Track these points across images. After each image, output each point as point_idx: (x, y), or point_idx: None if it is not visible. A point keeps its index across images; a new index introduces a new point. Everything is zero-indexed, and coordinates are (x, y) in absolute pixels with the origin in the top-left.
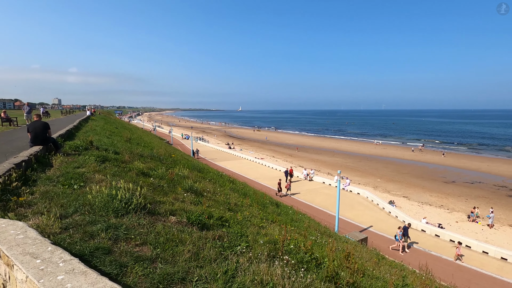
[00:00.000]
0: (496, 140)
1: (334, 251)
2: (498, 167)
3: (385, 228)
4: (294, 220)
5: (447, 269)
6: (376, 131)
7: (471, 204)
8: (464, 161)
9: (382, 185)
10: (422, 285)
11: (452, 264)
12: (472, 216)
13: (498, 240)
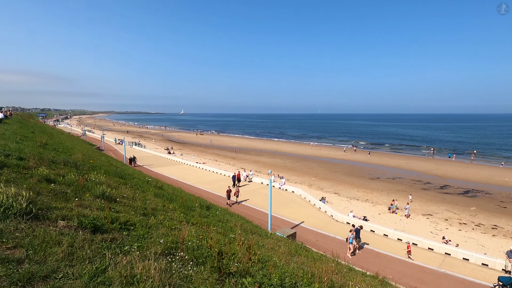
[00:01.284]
0: (414, 140)
1: (242, 245)
2: (414, 164)
3: (315, 223)
4: (221, 220)
5: (366, 256)
6: (312, 133)
7: (392, 197)
8: (387, 159)
9: (316, 183)
10: (317, 267)
11: (372, 252)
12: (392, 208)
13: (413, 228)
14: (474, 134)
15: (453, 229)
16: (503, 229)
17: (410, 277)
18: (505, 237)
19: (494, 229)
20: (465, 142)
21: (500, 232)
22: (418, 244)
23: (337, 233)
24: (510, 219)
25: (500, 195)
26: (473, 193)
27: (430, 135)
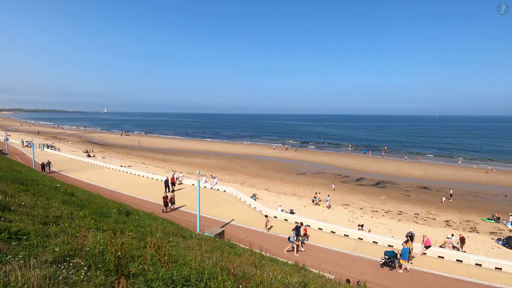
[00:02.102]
0: (335, 139)
1: (153, 247)
2: (336, 160)
3: (245, 219)
4: (140, 225)
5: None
6: (246, 132)
7: (316, 190)
8: (312, 156)
9: (249, 181)
10: (231, 261)
11: (269, 235)
12: (315, 200)
13: (334, 218)
14: (385, 133)
15: (366, 217)
16: (407, 214)
17: (328, 262)
18: (408, 221)
19: (400, 215)
20: (377, 140)
21: (405, 217)
22: (336, 232)
23: (264, 228)
24: (413, 205)
25: (405, 185)
26: (384, 184)
27: (349, 133)
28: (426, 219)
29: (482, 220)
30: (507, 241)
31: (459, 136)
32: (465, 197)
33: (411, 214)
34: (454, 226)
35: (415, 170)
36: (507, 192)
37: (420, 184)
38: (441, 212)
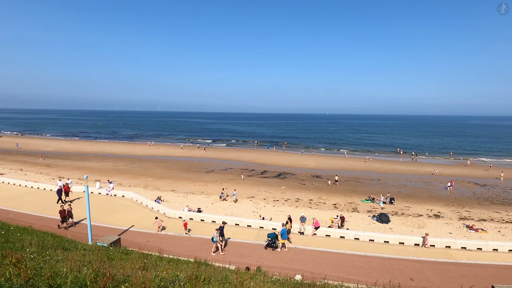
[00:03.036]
0: (243, 136)
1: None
2: (243, 155)
3: (147, 224)
4: (9, 241)
5: (193, 244)
6: (150, 132)
7: (224, 186)
8: (221, 153)
9: (153, 183)
10: (114, 266)
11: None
12: (223, 196)
13: (240, 211)
14: (285, 129)
15: (269, 206)
16: (303, 201)
17: (232, 254)
18: (303, 207)
19: (297, 202)
20: (279, 135)
21: (301, 203)
22: (239, 224)
23: (169, 229)
24: (307, 192)
25: (301, 175)
26: (284, 175)
27: (255, 130)
28: (318, 203)
29: (361, 201)
30: (379, 217)
31: (345, 131)
32: (348, 182)
33: (306, 200)
34: (340, 208)
35: (310, 161)
36: (380, 176)
37: (313, 174)
38: (330, 196)
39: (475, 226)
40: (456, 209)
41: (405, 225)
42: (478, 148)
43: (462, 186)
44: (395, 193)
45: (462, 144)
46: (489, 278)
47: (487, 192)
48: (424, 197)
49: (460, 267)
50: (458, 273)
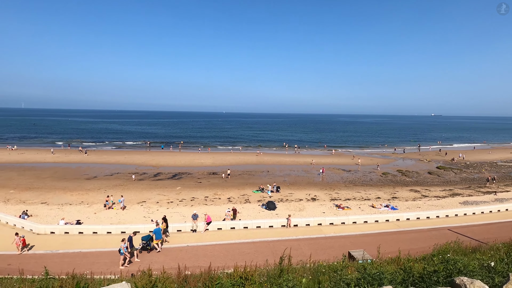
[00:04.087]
0: (133, 136)
1: None
2: (133, 158)
3: (9, 245)
4: None
5: (70, 261)
6: (11, 133)
7: (110, 193)
8: (106, 157)
9: (17, 196)
10: None
11: (79, 254)
12: (108, 204)
13: (129, 218)
14: (181, 128)
15: (162, 209)
16: (198, 199)
17: (116, 264)
18: (199, 205)
19: (192, 200)
20: (174, 135)
21: (197, 202)
22: (126, 231)
23: (39, 247)
24: (204, 190)
25: (198, 173)
26: (180, 176)
27: (146, 130)
28: (214, 199)
29: (253, 192)
30: (267, 205)
31: (240, 129)
32: (242, 176)
33: (202, 198)
34: (234, 201)
35: (207, 159)
36: (269, 168)
37: (210, 171)
38: (225, 191)
39: (342, 205)
40: (328, 191)
41: (289, 210)
42: (345, 141)
43: (332, 173)
44: (281, 182)
45: (333, 137)
46: (349, 246)
47: (351, 176)
48: (304, 184)
49: (328, 240)
50: (327, 245)
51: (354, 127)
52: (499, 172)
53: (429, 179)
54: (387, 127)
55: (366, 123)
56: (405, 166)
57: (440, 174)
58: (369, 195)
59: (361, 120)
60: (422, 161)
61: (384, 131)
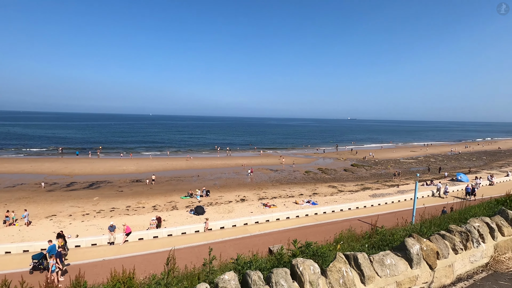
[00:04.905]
0: (41, 141)
1: None
2: (41, 166)
3: None
4: None
5: None
6: None
7: (12, 208)
8: (7, 165)
9: None
10: None
11: None
12: (8, 220)
13: (35, 234)
14: (100, 132)
15: (76, 223)
16: (119, 209)
17: None
18: (120, 215)
19: (112, 211)
20: (92, 139)
21: (117, 212)
22: (30, 249)
23: None
24: (125, 199)
25: (119, 181)
26: (98, 185)
27: (58, 134)
28: (136, 209)
29: (181, 198)
30: (196, 210)
31: (169, 132)
32: (170, 182)
33: (123, 208)
34: (160, 208)
35: (130, 165)
36: (199, 173)
37: (133, 178)
38: (150, 199)
39: (269, 203)
40: (256, 191)
41: (218, 213)
42: (274, 142)
43: (261, 173)
44: (211, 186)
45: (263, 139)
46: (272, 242)
47: (278, 176)
48: (234, 185)
49: (253, 239)
50: (252, 243)
51: (282, 129)
52: (401, 167)
53: (345, 175)
54: (310, 129)
55: (293, 125)
56: (325, 164)
57: (354, 171)
58: (293, 192)
59: (289, 123)
60: (339, 160)
61: (308, 133)
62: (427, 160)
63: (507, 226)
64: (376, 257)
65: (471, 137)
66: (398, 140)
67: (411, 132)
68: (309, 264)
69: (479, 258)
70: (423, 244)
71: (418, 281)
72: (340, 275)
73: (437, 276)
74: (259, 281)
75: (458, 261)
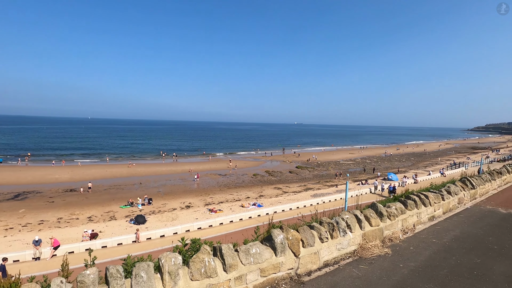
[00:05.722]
0: None
1: None
2: None
3: None
4: None
5: None
6: None
7: None
8: None
9: None
10: None
11: None
12: None
13: None
14: (29, 137)
15: None
16: (49, 221)
17: None
18: (49, 228)
19: (41, 224)
20: (19, 145)
21: (47, 225)
22: None
23: None
24: (57, 211)
25: (50, 192)
26: (24, 195)
27: None
28: (69, 220)
29: (120, 207)
30: (136, 219)
31: (109, 137)
32: (109, 191)
33: (54, 220)
34: (97, 219)
35: (63, 174)
36: (142, 180)
37: (67, 187)
38: (85, 210)
39: (215, 208)
40: (203, 197)
41: (160, 221)
42: (224, 147)
43: (209, 178)
44: (155, 193)
45: (213, 144)
46: None
47: (226, 180)
48: (180, 192)
49: None
50: None
51: (233, 133)
52: (341, 168)
53: (290, 177)
54: (260, 133)
55: (243, 130)
56: (272, 167)
57: (298, 173)
58: (240, 196)
59: (239, 127)
60: (285, 162)
61: (258, 137)
62: (363, 162)
63: (376, 217)
64: (243, 247)
65: (402, 140)
66: (338, 143)
67: (351, 136)
68: (171, 257)
69: (346, 246)
70: (289, 234)
71: (283, 267)
72: (202, 265)
73: (302, 262)
74: (117, 273)
75: (324, 249)
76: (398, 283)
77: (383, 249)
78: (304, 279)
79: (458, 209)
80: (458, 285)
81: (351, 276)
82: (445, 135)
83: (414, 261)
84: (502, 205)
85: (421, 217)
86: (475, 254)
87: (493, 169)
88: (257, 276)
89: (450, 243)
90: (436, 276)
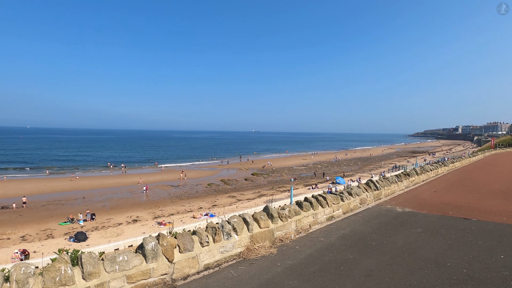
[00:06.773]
0: None
1: None
2: None
3: None
4: None
5: None
6: None
7: None
8: None
9: None
10: None
11: None
12: None
13: None
14: None
15: None
16: None
17: None
18: None
19: None
20: None
21: None
22: None
23: None
24: None
25: None
26: None
27: None
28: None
29: (59, 224)
30: (76, 236)
31: (50, 148)
32: (47, 207)
33: None
34: (31, 238)
35: None
36: (85, 194)
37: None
38: (18, 229)
39: (164, 221)
40: (152, 210)
41: (104, 237)
42: (178, 157)
43: (160, 189)
44: (100, 208)
45: (166, 154)
46: None
47: (178, 191)
48: (127, 206)
49: None
50: None
51: (188, 142)
52: (294, 174)
53: (245, 184)
54: (216, 141)
55: (199, 138)
56: (227, 175)
57: (253, 180)
58: (192, 206)
59: (194, 136)
60: (242, 170)
61: (214, 146)
62: (314, 167)
63: (266, 219)
64: (109, 256)
65: (351, 146)
66: (292, 150)
67: (305, 142)
68: (22, 266)
69: (230, 249)
70: (164, 241)
71: (154, 273)
72: (58, 274)
73: (178, 267)
74: None
75: (204, 253)
76: (266, 281)
77: (270, 250)
78: (178, 283)
79: (360, 209)
80: (321, 280)
81: (226, 277)
82: (389, 140)
83: (292, 260)
84: (400, 204)
85: (317, 217)
86: (352, 250)
87: (402, 171)
88: (123, 283)
89: (335, 241)
90: (305, 273)
